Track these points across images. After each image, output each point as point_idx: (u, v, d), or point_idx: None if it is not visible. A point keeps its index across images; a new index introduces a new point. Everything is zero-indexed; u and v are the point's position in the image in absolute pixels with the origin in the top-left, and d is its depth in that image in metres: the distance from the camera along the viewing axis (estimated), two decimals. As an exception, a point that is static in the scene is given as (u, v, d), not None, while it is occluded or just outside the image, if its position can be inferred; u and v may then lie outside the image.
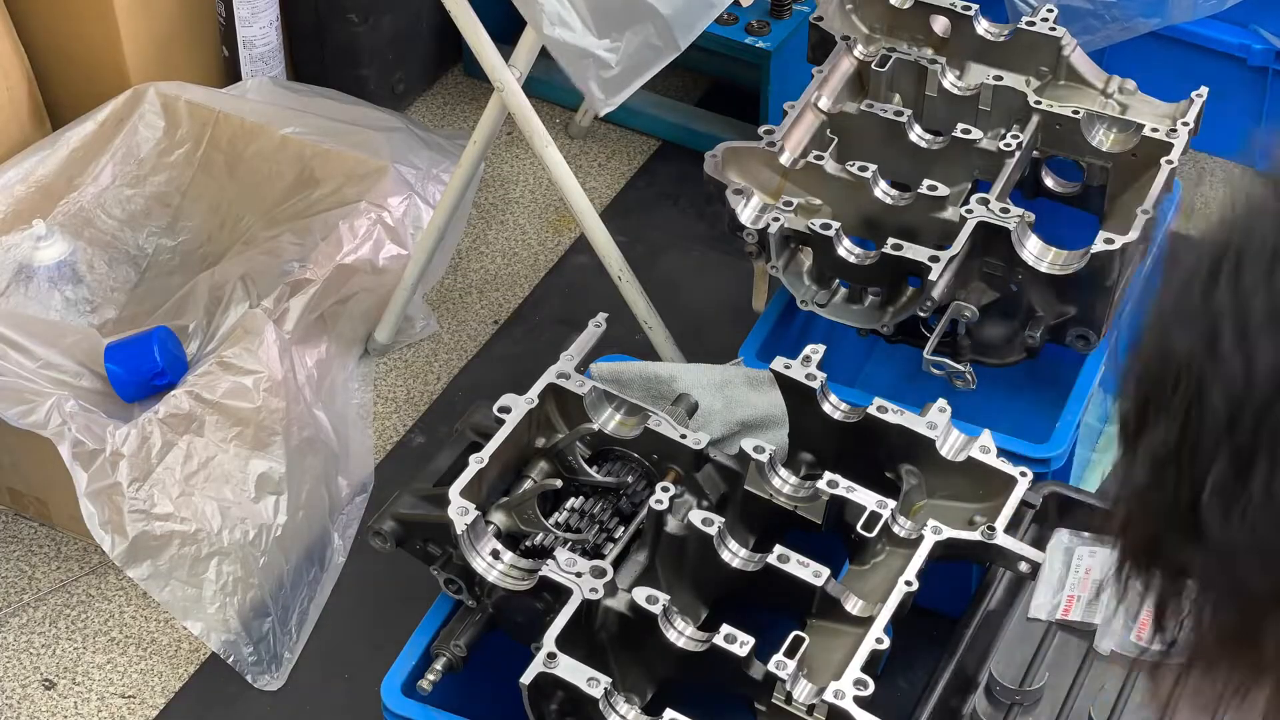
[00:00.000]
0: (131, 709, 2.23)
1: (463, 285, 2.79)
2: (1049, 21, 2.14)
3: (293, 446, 2.32)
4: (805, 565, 1.60)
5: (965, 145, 2.05)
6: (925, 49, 2.21)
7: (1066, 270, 1.92)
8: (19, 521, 2.44)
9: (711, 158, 2.05)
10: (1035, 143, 2.09)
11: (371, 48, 2.94)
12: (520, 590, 1.61)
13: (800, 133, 2.09)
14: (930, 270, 1.89)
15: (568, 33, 2.16)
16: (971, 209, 1.93)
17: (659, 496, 1.65)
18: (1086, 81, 2.14)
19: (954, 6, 2.18)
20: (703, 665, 1.56)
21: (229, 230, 2.65)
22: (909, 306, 1.96)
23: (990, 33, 2.17)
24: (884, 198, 2.00)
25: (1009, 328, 1.99)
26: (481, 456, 1.69)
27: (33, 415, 2.16)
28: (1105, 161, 2.07)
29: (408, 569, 1.78)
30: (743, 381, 1.98)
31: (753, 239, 2.01)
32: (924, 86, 2.15)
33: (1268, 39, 2.77)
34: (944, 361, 1.93)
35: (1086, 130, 2.06)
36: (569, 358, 1.78)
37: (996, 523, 1.66)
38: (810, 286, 2.03)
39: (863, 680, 1.52)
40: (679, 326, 2.50)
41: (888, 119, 2.08)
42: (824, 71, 2.14)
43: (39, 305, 2.53)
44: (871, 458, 1.76)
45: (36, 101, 2.71)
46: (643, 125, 3.04)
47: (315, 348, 2.50)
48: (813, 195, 2.04)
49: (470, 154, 2.46)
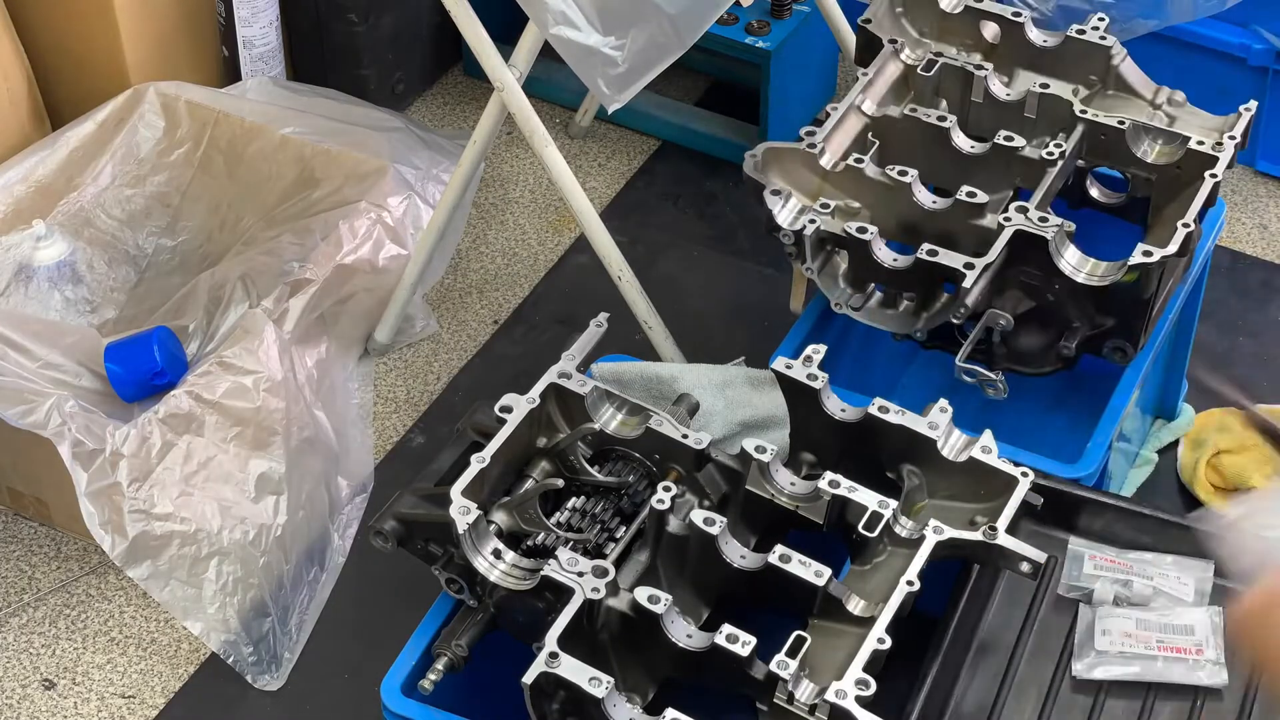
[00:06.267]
0: (131, 709, 2.23)
1: (463, 285, 2.79)
2: (1099, 30, 2.13)
3: (293, 446, 2.32)
4: (807, 565, 1.60)
5: (1007, 153, 2.04)
6: (974, 55, 2.20)
7: (1104, 281, 1.91)
8: (19, 521, 2.44)
9: (751, 157, 2.05)
10: (1080, 152, 2.08)
11: (371, 48, 2.94)
12: (522, 590, 1.61)
13: (842, 135, 2.08)
14: (965, 277, 1.89)
15: (574, 31, 2.16)
16: (1010, 217, 1.92)
17: (660, 496, 1.65)
18: (1135, 92, 2.13)
19: (1004, 13, 2.18)
20: (704, 665, 1.56)
21: (229, 230, 2.65)
22: (943, 313, 1.96)
23: (1040, 40, 2.16)
24: (923, 203, 1.99)
25: (1044, 337, 1.98)
26: (483, 456, 1.69)
27: (33, 415, 2.16)
28: (1150, 173, 2.06)
29: (408, 569, 1.78)
30: (744, 381, 1.98)
31: (790, 240, 2.00)
32: (970, 92, 2.14)
33: (1268, 39, 2.77)
34: (976, 369, 1.92)
35: (1132, 141, 2.05)
36: (570, 357, 1.78)
37: (998, 523, 1.65)
38: (845, 290, 2.03)
39: (864, 680, 1.52)
40: (679, 326, 2.50)
41: (931, 124, 2.07)
42: (869, 74, 2.14)
43: (39, 305, 2.53)
44: (873, 458, 1.76)
45: (36, 101, 2.71)
46: (643, 125, 3.04)
47: (315, 348, 2.50)
48: (851, 198, 2.03)
49: (470, 154, 2.46)
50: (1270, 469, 2.38)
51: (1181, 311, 2.18)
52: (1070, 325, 1.97)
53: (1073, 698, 1.70)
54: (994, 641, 1.73)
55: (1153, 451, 2.50)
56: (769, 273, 2.76)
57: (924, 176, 2.03)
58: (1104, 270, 1.93)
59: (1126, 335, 1.97)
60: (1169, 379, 2.47)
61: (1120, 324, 1.96)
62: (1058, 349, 1.98)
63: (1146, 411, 2.46)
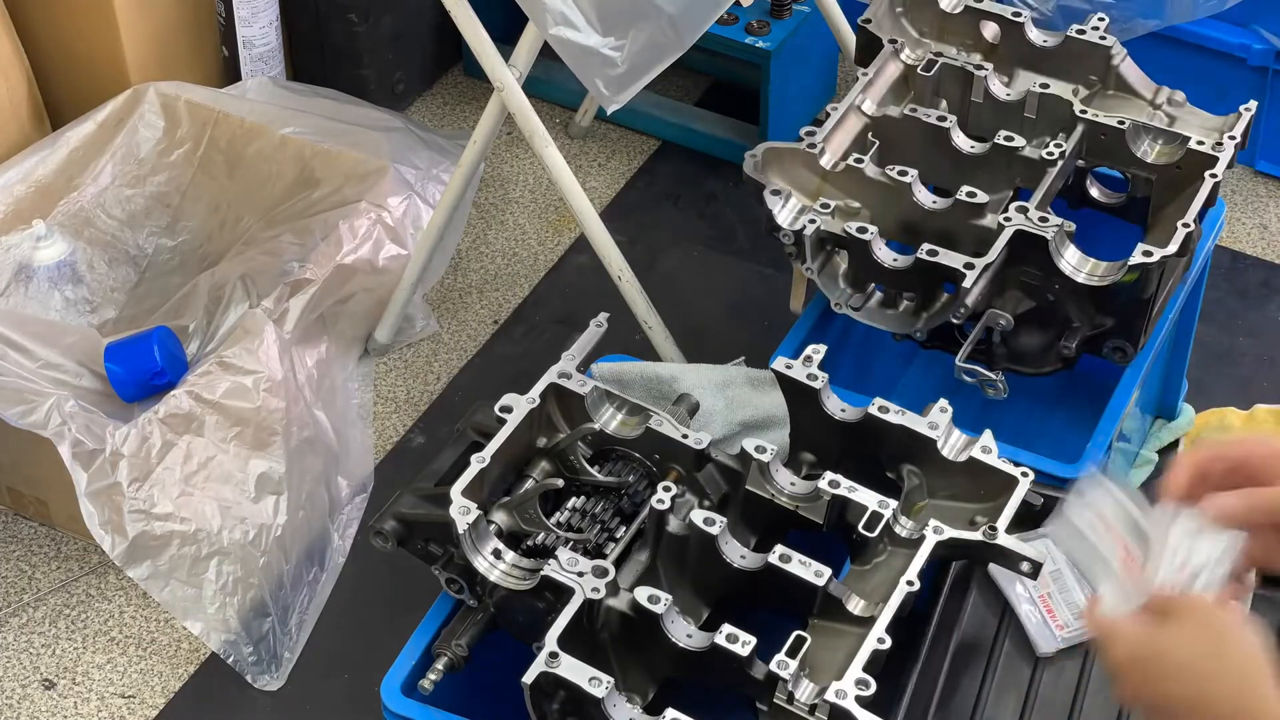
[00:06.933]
0: (131, 709, 2.23)
1: (463, 285, 2.79)
2: (1099, 30, 2.13)
3: (293, 446, 2.32)
4: (807, 565, 1.60)
5: (1007, 153, 2.04)
6: (974, 55, 2.20)
7: (1104, 281, 1.91)
8: (19, 521, 2.44)
9: (751, 157, 2.05)
10: (1080, 152, 2.08)
11: (371, 48, 2.94)
12: (522, 590, 1.61)
13: (842, 135, 2.08)
14: (965, 277, 1.89)
15: (573, 32, 2.16)
16: (1010, 217, 1.92)
17: (660, 496, 1.65)
18: (1135, 92, 2.13)
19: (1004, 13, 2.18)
20: (704, 665, 1.56)
21: (229, 230, 2.65)
22: (943, 313, 1.96)
23: (1040, 40, 2.16)
24: (923, 203, 1.99)
25: (1044, 337, 1.98)
26: (483, 456, 1.69)
27: (33, 415, 2.16)
28: (1150, 173, 2.06)
29: (408, 569, 1.78)
30: (744, 381, 1.98)
31: (790, 240, 2.00)
32: (970, 92, 2.14)
33: (1268, 39, 2.77)
34: (976, 369, 1.92)
35: (1132, 141, 2.05)
36: (570, 357, 1.78)
37: (998, 523, 1.65)
38: (845, 290, 2.03)
39: (864, 680, 1.52)
40: (679, 326, 2.50)
41: (930, 124, 2.07)
42: (869, 74, 2.14)
43: (39, 305, 2.53)
44: (873, 458, 1.76)
45: (36, 101, 2.71)
46: (643, 125, 3.04)
47: (315, 348, 2.50)
48: (852, 198, 2.03)
49: (470, 154, 2.46)
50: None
51: (1181, 311, 2.18)
52: (1070, 325, 1.97)
53: (1054, 691, 1.70)
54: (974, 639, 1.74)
55: (1153, 451, 2.50)
56: (769, 273, 2.76)
57: (924, 176, 2.03)
58: (1104, 270, 1.93)
59: (1126, 335, 1.97)
60: (1169, 379, 2.47)
61: (1120, 324, 1.96)
62: (1058, 349, 1.98)
63: (1146, 411, 2.45)
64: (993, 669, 1.71)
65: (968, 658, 1.72)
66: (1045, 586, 1.74)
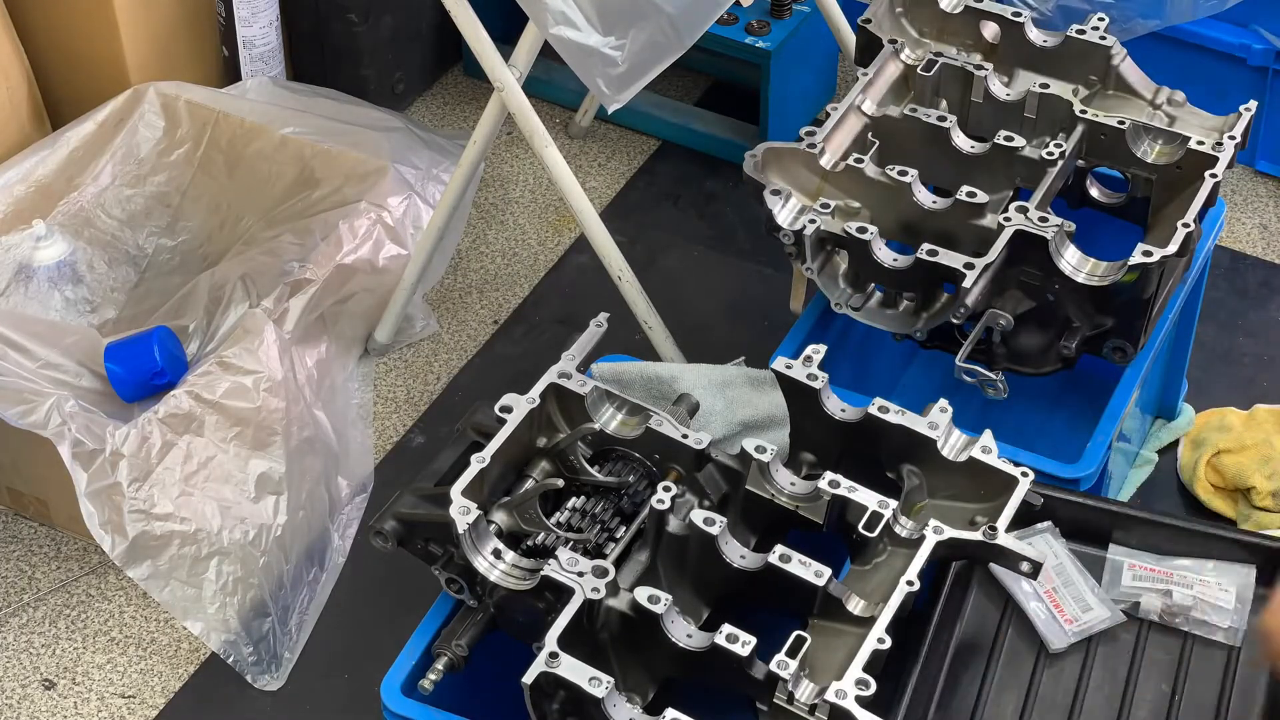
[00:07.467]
0: (131, 709, 2.23)
1: (463, 285, 2.79)
2: (1099, 30, 2.13)
3: (292, 446, 2.32)
4: (807, 565, 1.60)
5: (1007, 153, 2.04)
6: (974, 55, 2.20)
7: (1104, 281, 1.91)
8: (19, 521, 2.44)
9: (751, 157, 2.05)
10: (1080, 152, 2.08)
11: (371, 48, 2.94)
12: (522, 590, 1.61)
13: (842, 135, 2.08)
14: (965, 277, 1.89)
15: (573, 31, 2.16)
16: (1009, 217, 1.92)
17: (660, 496, 1.65)
18: (1135, 92, 2.13)
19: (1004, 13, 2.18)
20: (704, 665, 1.56)
21: (229, 230, 2.65)
22: (943, 313, 1.96)
23: (1040, 40, 2.16)
24: (923, 203, 1.99)
25: (1044, 337, 1.98)
26: (483, 456, 1.69)
27: (33, 415, 2.16)
28: (1150, 173, 2.06)
29: (408, 569, 1.78)
30: (744, 381, 1.98)
31: (790, 240, 2.00)
32: (970, 92, 2.14)
33: (1268, 39, 2.77)
34: (975, 369, 1.92)
35: (1132, 141, 2.05)
36: (570, 357, 1.78)
37: (998, 523, 1.66)
38: (845, 290, 2.03)
39: (864, 680, 1.52)
40: (679, 326, 2.50)
41: (930, 124, 2.07)
42: (869, 74, 2.14)
43: (39, 305, 2.53)
44: (873, 458, 1.76)
45: (36, 101, 2.71)
46: (643, 125, 3.04)
47: (315, 348, 2.50)
48: (852, 198, 2.03)
49: (470, 154, 2.46)
50: (1270, 469, 2.38)
51: (1181, 311, 2.18)
52: (1070, 325, 1.97)
53: (1055, 688, 1.70)
54: (974, 639, 1.74)
55: (1153, 451, 2.50)
56: (769, 273, 2.76)
57: (924, 176, 2.03)
58: (1104, 270, 1.93)
59: (1126, 335, 1.97)
60: (1169, 379, 2.47)
61: (1120, 324, 1.96)
62: (1058, 349, 1.98)
63: (1146, 411, 2.45)
64: (993, 668, 1.71)
65: (968, 657, 1.72)
66: (1050, 582, 1.74)
